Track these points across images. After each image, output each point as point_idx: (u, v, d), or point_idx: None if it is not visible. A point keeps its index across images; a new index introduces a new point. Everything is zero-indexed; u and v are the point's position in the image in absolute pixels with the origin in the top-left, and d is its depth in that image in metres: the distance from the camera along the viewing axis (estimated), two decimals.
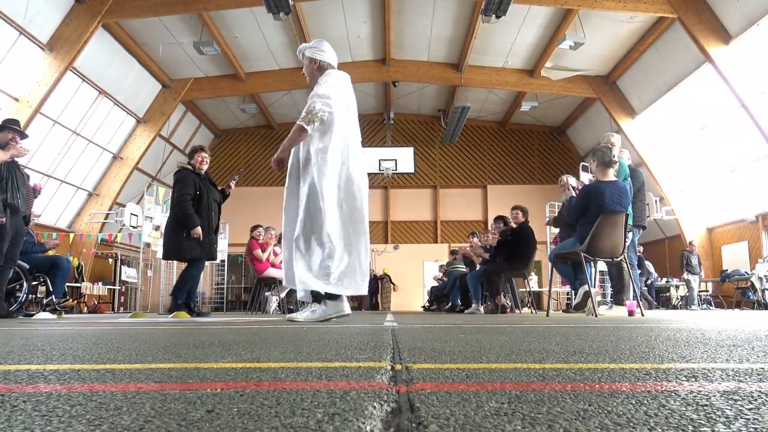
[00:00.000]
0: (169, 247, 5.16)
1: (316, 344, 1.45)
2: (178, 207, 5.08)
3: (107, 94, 11.74)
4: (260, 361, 1.05)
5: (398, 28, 12.19)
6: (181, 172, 5.23)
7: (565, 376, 0.84)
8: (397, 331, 2.10)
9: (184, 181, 5.15)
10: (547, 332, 2.03)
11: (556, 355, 1.14)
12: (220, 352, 1.25)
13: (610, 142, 5.22)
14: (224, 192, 5.55)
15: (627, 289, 4.84)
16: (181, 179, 5.17)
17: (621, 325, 2.70)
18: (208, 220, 5.23)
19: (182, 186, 5.13)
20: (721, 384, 0.76)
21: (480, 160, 17.56)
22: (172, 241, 5.12)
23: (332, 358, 1.09)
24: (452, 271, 9.57)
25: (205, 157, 5.34)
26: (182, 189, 5.12)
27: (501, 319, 3.90)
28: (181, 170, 5.25)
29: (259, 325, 3.02)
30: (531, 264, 7.01)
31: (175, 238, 5.10)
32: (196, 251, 5.13)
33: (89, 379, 0.83)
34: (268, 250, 7.58)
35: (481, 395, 0.67)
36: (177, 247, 5.10)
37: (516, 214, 7.07)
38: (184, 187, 5.12)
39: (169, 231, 5.20)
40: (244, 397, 0.67)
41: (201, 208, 5.18)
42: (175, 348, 1.37)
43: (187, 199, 5.09)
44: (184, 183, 5.14)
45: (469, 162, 17.55)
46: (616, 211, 4.55)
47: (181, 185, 5.13)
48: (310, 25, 11.71)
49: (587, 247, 4.53)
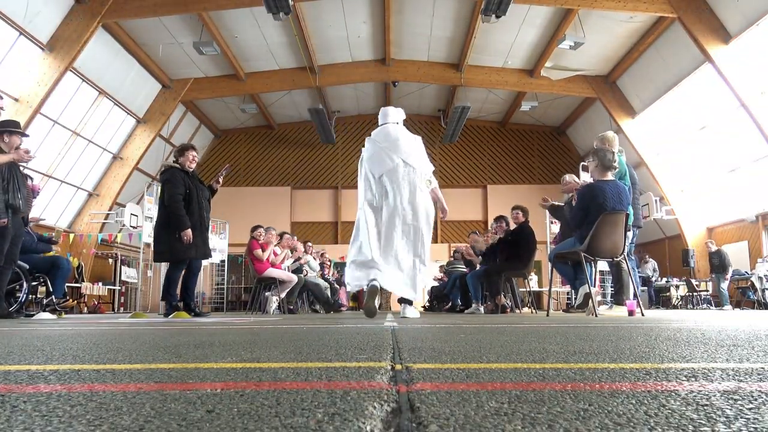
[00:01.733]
0: (162, 248, 5.06)
1: (316, 344, 1.45)
2: (170, 208, 4.96)
3: (107, 95, 11.74)
4: (260, 361, 1.05)
5: (398, 28, 12.19)
6: (169, 172, 5.09)
7: (565, 375, 0.84)
8: (397, 331, 2.10)
9: (174, 181, 5.01)
10: (547, 332, 2.03)
11: (556, 355, 1.14)
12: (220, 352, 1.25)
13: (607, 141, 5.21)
14: (212, 188, 5.48)
15: (627, 288, 4.84)
16: (170, 179, 5.03)
17: (621, 324, 2.70)
18: (200, 219, 5.15)
19: (172, 186, 4.99)
20: (721, 384, 0.76)
21: (480, 160, 17.57)
22: (165, 243, 5.02)
23: (332, 358, 1.09)
24: (452, 271, 9.57)
25: (195, 156, 5.26)
26: (172, 189, 4.98)
27: (501, 319, 3.90)
28: (168, 169, 5.12)
29: (260, 325, 3.02)
30: (531, 264, 7.01)
31: (168, 239, 5.00)
32: (190, 251, 5.05)
33: (89, 380, 0.83)
34: (269, 250, 7.57)
35: (482, 395, 0.67)
36: (170, 248, 5.00)
37: (516, 214, 7.07)
38: (174, 187, 4.98)
39: (160, 232, 5.08)
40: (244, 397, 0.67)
41: (192, 207, 5.09)
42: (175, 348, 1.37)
43: (178, 200, 4.98)
44: (173, 182, 5.00)
45: (469, 162, 17.56)
46: (617, 210, 4.54)
47: (170, 185, 5.00)
48: (310, 25, 11.72)
49: (587, 246, 4.52)
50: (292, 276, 7.84)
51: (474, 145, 17.61)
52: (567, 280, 6.40)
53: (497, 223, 7.46)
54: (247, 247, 7.75)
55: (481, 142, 17.65)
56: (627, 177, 5.20)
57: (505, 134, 17.63)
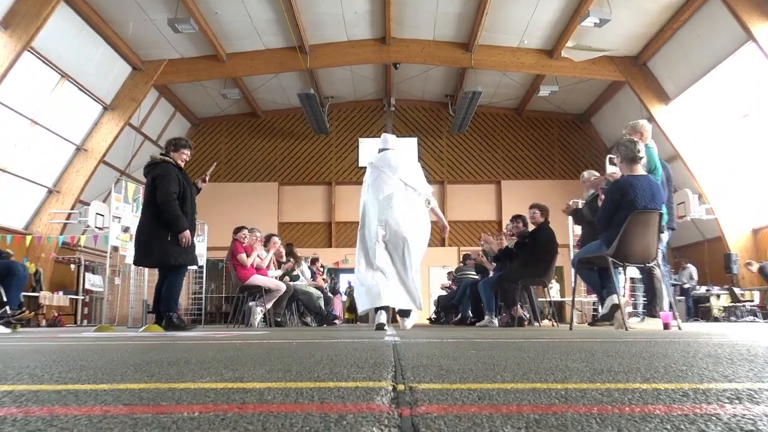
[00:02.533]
0: (151, 252, 5.07)
1: (307, 362, 1.45)
2: (164, 208, 4.98)
3: (70, 78, 11.75)
4: (244, 380, 1.05)
5: (400, 2, 12.19)
6: (163, 166, 5.13)
7: (590, 397, 0.84)
8: (399, 347, 2.10)
9: (168, 177, 5.02)
10: (571, 348, 2.03)
11: (580, 373, 1.14)
12: (198, 370, 1.25)
13: (635, 131, 5.20)
14: (196, 186, 5.55)
15: (661, 298, 4.84)
16: (164, 174, 5.05)
17: (654, 339, 2.70)
18: (193, 221, 5.23)
19: (166, 182, 5.00)
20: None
21: (493, 152, 17.58)
22: (156, 246, 5.04)
23: (326, 377, 1.09)
24: (462, 279, 9.58)
25: (188, 155, 5.39)
26: (167, 187, 4.99)
27: (518, 333, 3.92)
28: (161, 163, 5.16)
29: (243, 339, 3.02)
30: (551, 270, 7.01)
31: (160, 242, 5.02)
32: (184, 256, 5.09)
33: (49, 402, 0.83)
34: (253, 254, 7.58)
35: (495, 419, 0.66)
36: (164, 252, 5.02)
37: (534, 213, 7.07)
38: (168, 185, 5.00)
39: (149, 235, 5.10)
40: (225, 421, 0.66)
41: (186, 207, 5.13)
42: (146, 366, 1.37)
43: (173, 198, 5.00)
44: (168, 179, 5.02)
45: (481, 154, 17.57)
46: (649, 209, 4.54)
47: (164, 181, 5.01)
48: (300, 0, 11.72)
49: (615, 250, 4.52)
50: (279, 284, 7.85)
51: (486, 135, 17.63)
52: (592, 288, 6.41)
53: (513, 224, 7.47)
54: (229, 250, 7.75)
55: (494, 132, 17.66)
56: (658, 171, 5.18)
57: (521, 123, 17.64)
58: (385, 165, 5.36)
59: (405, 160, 5.52)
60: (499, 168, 17.51)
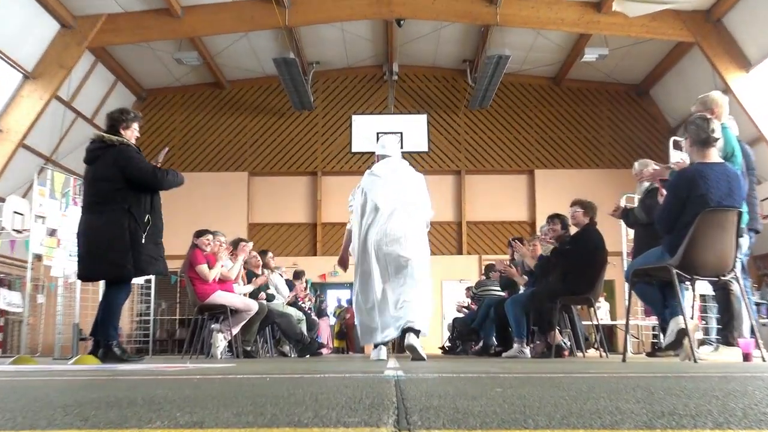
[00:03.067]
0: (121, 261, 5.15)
1: (285, 402, 1.45)
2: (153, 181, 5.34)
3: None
4: (204, 426, 1.06)
5: None
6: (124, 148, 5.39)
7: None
8: (403, 383, 2.10)
9: (137, 156, 5.41)
10: (623, 385, 2.04)
11: (635, 417, 1.15)
12: (145, 413, 1.25)
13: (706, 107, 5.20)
14: None
15: (739, 321, 4.84)
16: (131, 155, 5.36)
17: (731, 374, 2.70)
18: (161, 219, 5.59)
19: (138, 160, 5.37)
20: None
21: (524, 134, 17.59)
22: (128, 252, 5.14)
23: (309, 421, 1.10)
24: (484, 296, 9.58)
25: (138, 131, 5.67)
26: (140, 162, 5.38)
27: (555, 366, 3.92)
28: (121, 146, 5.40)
29: (203, 374, 3.03)
30: (599, 285, 7.01)
31: (133, 247, 5.14)
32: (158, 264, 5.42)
33: None
34: (217, 265, 7.55)
35: None
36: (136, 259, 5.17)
37: (576, 211, 7.07)
38: (141, 162, 5.39)
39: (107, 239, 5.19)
40: None
41: (155, 202, 5.50)
42: (79, 408, 1.38)
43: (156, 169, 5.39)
44: (137, 157, 5.39)
45: (508, 136, 17.58)
46: (725, 206, 4.53)
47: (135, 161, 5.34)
48: None
49: (681, 259, 4.52)
50: (249, 303, 7.84)
51: (515, 112, 17.63)
52: (652, 308, 6.41)
53: (549, 225, 7.46)
54: (185, 260, 7.73)
55: (525, 108, 17.67)
56: (737, 158, 5.18)
57: (560, 96, 17.65)
58: (389, 173, 5.74)
59: (411, 173, 5.90)
60: (532, 154, 17.52)
